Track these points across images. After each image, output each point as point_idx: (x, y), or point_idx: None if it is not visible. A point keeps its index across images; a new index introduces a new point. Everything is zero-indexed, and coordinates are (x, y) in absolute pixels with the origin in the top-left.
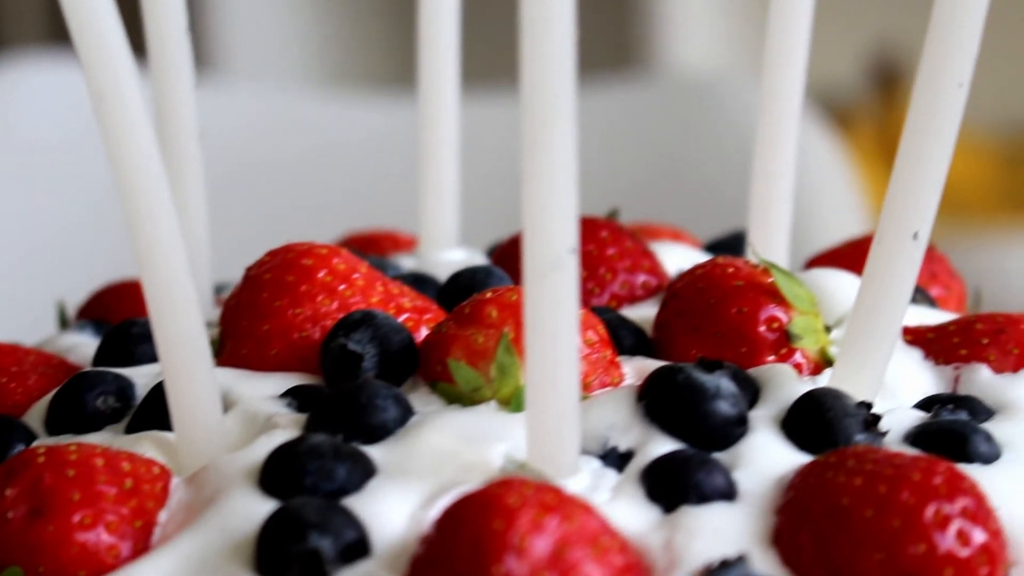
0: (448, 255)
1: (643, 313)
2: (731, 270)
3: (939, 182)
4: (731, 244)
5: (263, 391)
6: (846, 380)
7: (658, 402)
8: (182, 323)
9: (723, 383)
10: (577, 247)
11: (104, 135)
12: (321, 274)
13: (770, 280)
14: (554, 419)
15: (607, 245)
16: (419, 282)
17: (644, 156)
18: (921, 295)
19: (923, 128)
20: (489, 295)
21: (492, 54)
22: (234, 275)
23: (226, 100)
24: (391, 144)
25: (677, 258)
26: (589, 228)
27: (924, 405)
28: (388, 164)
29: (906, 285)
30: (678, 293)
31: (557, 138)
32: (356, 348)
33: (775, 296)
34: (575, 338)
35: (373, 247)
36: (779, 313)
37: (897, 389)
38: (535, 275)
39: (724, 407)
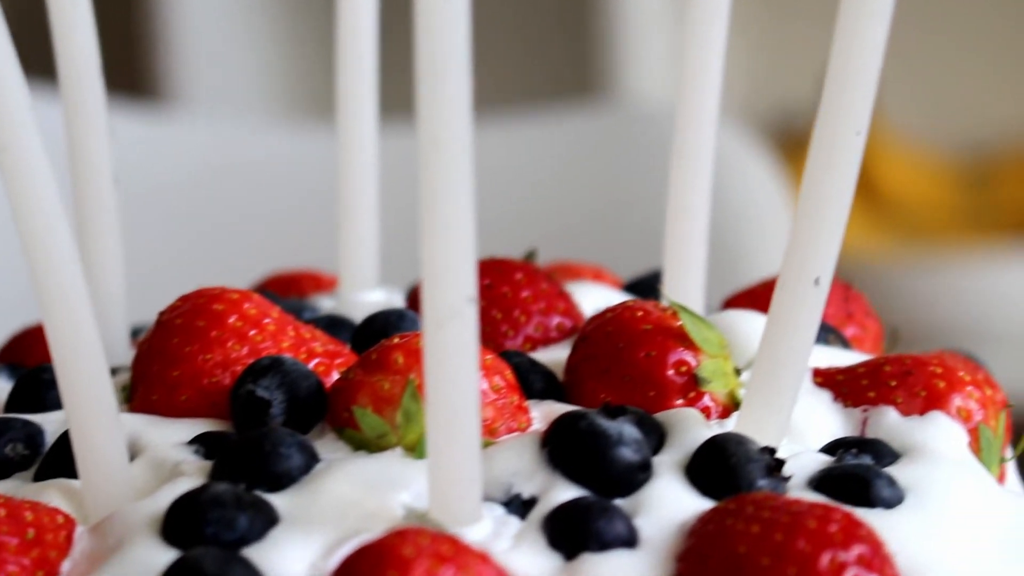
0: (367, 296)
1: (557, 355)
2: (640, 314)
3: (839, 229)
4: (650, 283)
5: (172, 438)
6: (752, 424)
7: (561, 448)
8: (86, 370)
9: (626, 429)
10: (476, 296)
11: (6, 187)
12: (232, 319)
13: (680, 323)
14: (455, 467)
15: (522, 287)
16: (334, 325)
17: (600, 185)
18: (835, 336)
19: (822, 176)
20: (396, 341)
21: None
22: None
23: (175, 133)
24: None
25: (595, 299)
26: (505, 270)
27: (830, 449)
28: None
29: (809, 331)
30: (588, 337)
31: (454, 186)
32: (264, 394)
33: (684, 340)
34: (475, 386)
35: (295, 287)
36: (688, 357)
37: (805, 432)
38: (433, 324)
39: (627, 453)
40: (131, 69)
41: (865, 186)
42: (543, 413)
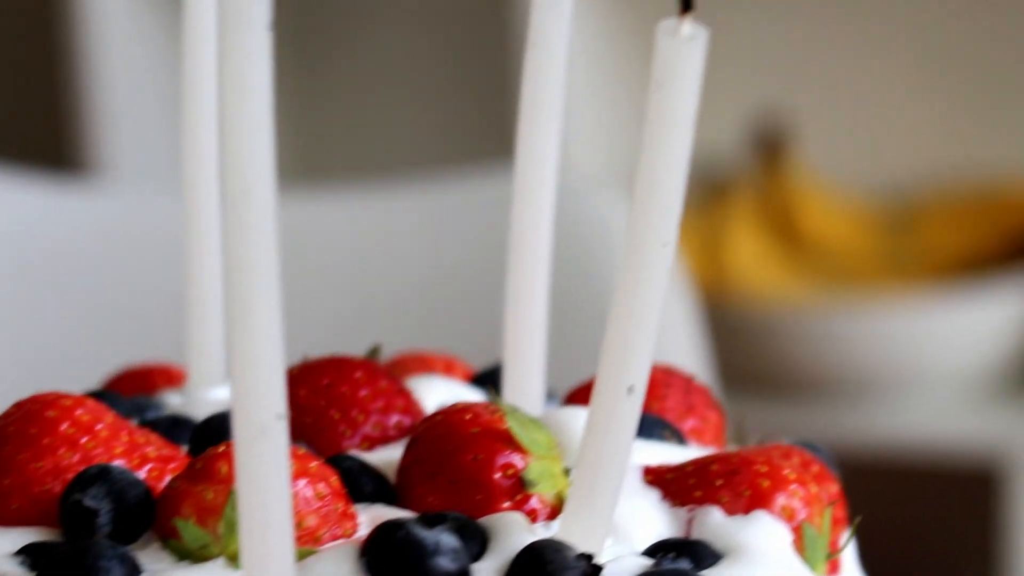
0: (214, 393)
1: (394, 455)
2: (468, 416)
3: (651, 337)
4: (497, 375)
5: (1, 548)
6: (575, 528)
7: (378, 559)
8: None
9: (444, 538)
10: (286, 412)
11: None
12: (64, 426)
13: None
14: None
15: (361, 386)
16: (175, 426)
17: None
18: (670, 432)
19: (633, 287)
20: (221, 449)
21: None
22: None
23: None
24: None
25: (439, 394)
26: (344, 369)
27: (652, 551)
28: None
29: (625, 437)
30: (418, 440)
31: (262, 309)
32: (91, 504)
33: (512, 442)
34: (287, 503)
35: (146, 382)
36: (515, 459)
37: (631, 533)
38: (244, 441)
39: (444, 563)
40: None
41: (786, 230)
42: (371, 518)
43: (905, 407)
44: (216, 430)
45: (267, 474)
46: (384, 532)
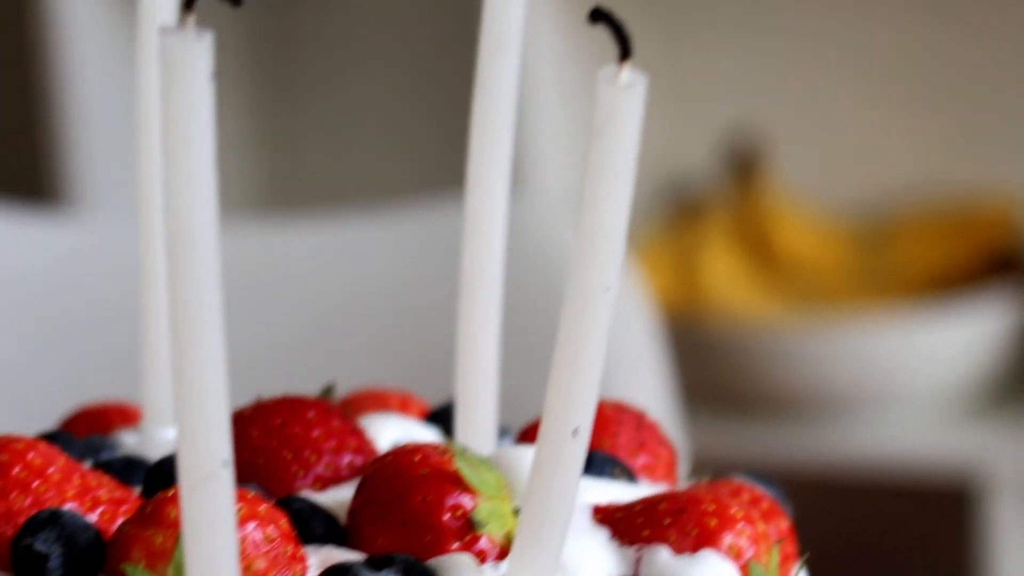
0: (169, 432)
1: (347, 495)
2: (418, 458)
3: (594, 380)
4: (451, 413)
5: None
6: (522, 569)
7: None
8: None
9: None
10: (231, 459)
11: None
12: (15, 470)
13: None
14: None
15: (313, 426)
16: (128, 467)
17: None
18: (620, 469)
19: (576, 331)
20: (171, 493)
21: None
22: None
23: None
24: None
25: (392, 433)
26: (297, 409)
27: None
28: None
29: (571, 479)
30: (368, 481)
31: (207, 357)
32: (42, 548)
33: (461, 483)
34: (233, 548)
35: (101, 421)
36: (464, 500)
37: (580, 572)
38: (188, 488)
39: None
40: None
41: (760, 249)
42: (320, 560)
43: (880, 425)
44: (168, 472)
45: (213, 521)
46: (331, 575)
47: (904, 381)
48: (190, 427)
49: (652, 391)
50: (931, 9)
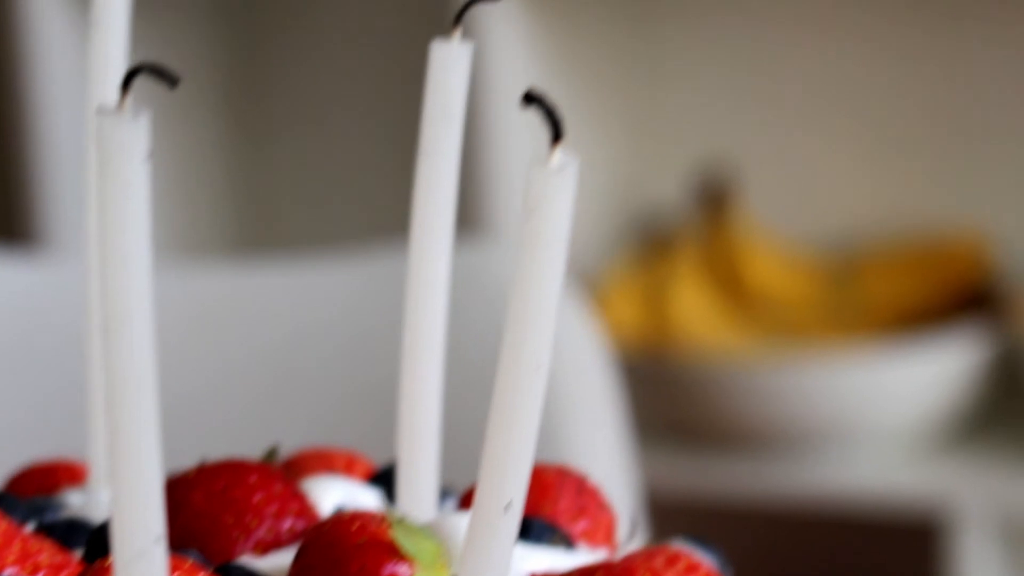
0: None
1: (287, 561)
2: (356, 527)
3: (528, 456)
4: (393, 474)
5: None
6: None
7: None
8: None
9: None
10: (164, 534)
11: None
12: None
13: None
14: None
15: (255, 490)
16: (71, 530)
17: None
18: (559, 536)
19: (508, 408)
20: (107, 563)
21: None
22: None
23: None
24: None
25: (336, 495)
26: (240, 473)
27: None
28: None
29: (504, 552)
30: (306, 549)
31: (138, 432)
32: None
33: (398, 552)
34: None
35: (48, 480)
36: (400, 569)
37: None
38: (122, 563)
39: None
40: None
41: (730, 283)
42: None
43: (848, 460)
44: (108, 539)
45: None
46: None
47: (872, 416)
48: (124, 504)
49: (605, 430)
50: (900, 45)
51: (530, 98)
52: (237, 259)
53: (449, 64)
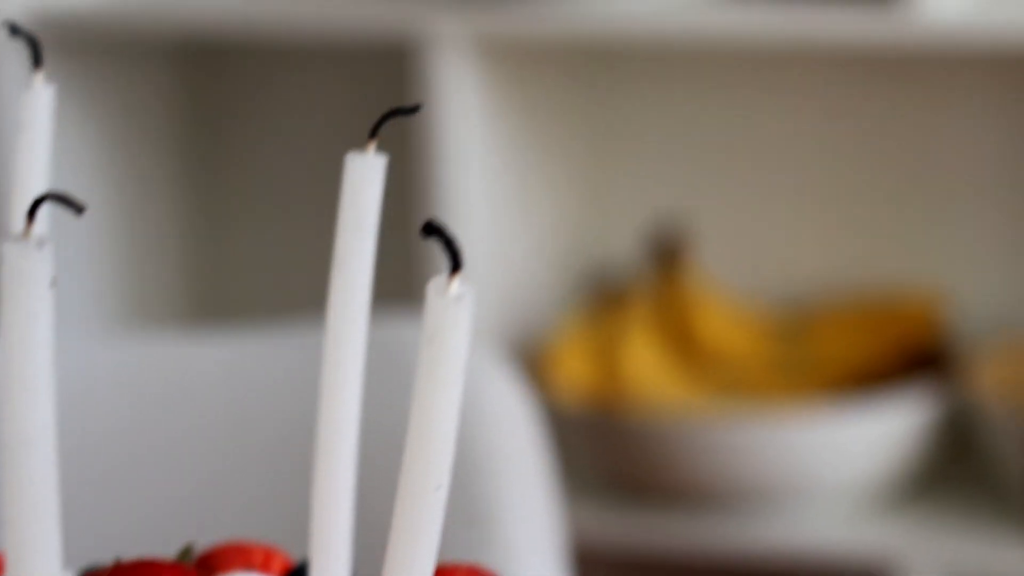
0: None
1: None
2: None
3: (428, 571)
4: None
5: None
6: None
7: None
8: None
9: None
10: None
11: None
12: None
13: None
14: None
15: None
16: None
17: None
18: None
19: (408, 527)
20: None
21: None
22: None
23: None
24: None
25: None
26: (153, 572)
27: None
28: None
29: None
30: None
31: (39, 558)
32: None
33: None
34: None
35: None
36: None
37: None
38: None
39: None
40: None
41: (682, 338)
42: None
43: (798, 518)
44: None
45: None
46: None
47: (821, 474)
48: None
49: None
50: (853, 103)
51: (430, 229)
52: (187, 330)
53: (363, 177)
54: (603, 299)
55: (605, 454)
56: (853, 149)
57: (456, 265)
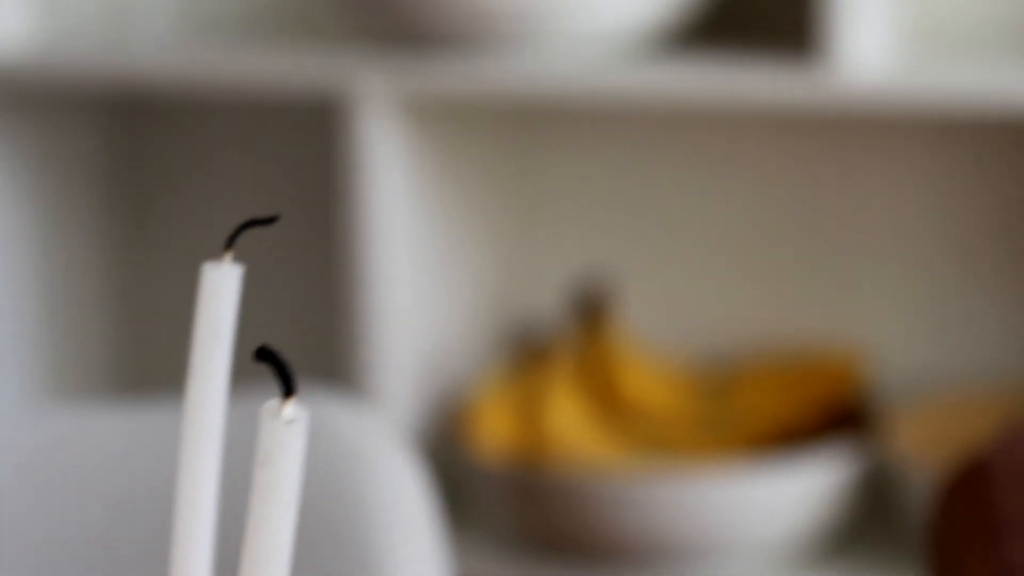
0: None
1: None
2: None
3: None
4: None
5: None
6: None
7: None
8: None
9: None
10: None
11: None
12: None
13: None
14: None
15: None
16: None
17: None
18: None
19: None
20: None
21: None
22: None
23: None
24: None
25: None
26: None
27: None
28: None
29: None
30: None
31: None
32: None
33: None
34: None
35: None
36: None
37: None
38: None
39: None
40: None
41: (606, 394)
42: None
43: (718, 574)
44: None
45: None
46: None
47: (742, 530)
48: None
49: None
50: (775, 162)
51: (263, 354)
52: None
53: (220, 287)
54: (527, 355)
55: (527, 510)
56: (775, 208)
57: (289, 390)
